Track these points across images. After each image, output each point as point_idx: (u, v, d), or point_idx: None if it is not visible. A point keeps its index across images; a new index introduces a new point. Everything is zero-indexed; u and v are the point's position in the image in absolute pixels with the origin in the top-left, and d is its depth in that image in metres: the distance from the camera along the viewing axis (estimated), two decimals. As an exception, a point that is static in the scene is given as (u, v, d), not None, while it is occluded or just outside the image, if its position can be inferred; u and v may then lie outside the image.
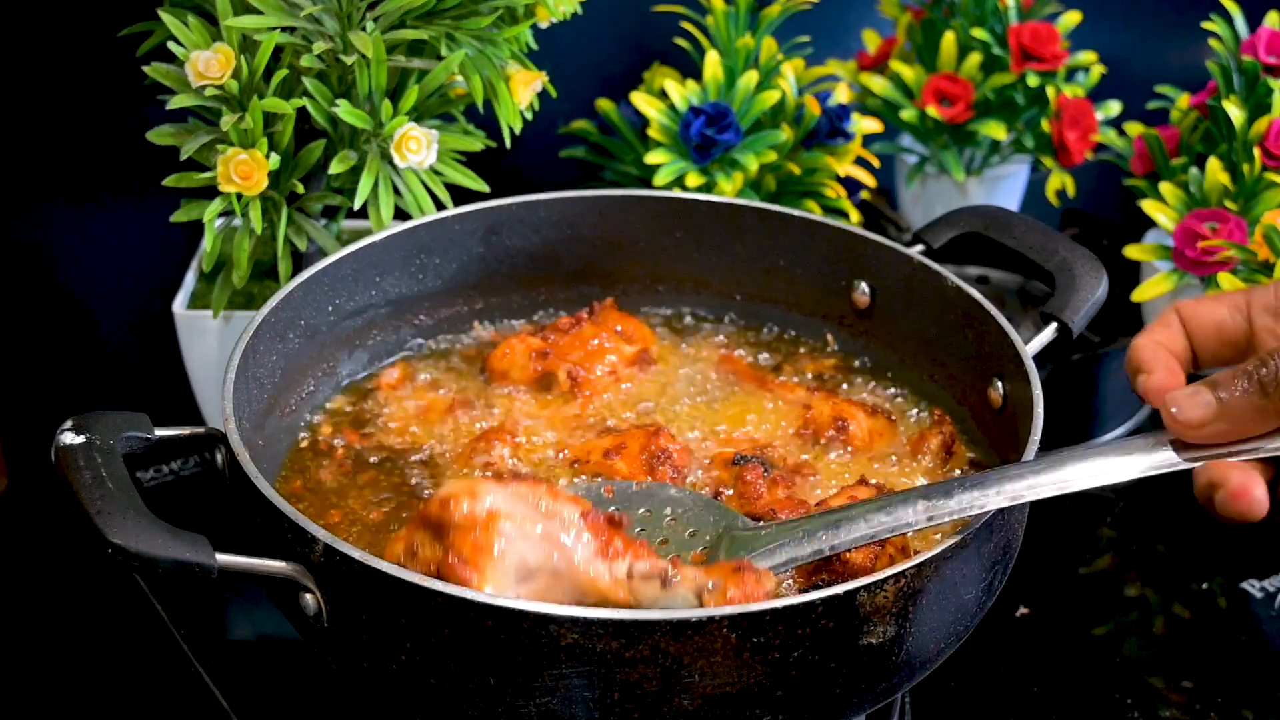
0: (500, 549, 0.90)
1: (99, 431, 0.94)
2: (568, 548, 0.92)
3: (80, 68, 1.47)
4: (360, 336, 1.26)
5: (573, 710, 0.87)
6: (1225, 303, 0.97)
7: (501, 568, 0.90)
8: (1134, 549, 1.40)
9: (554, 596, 0.91)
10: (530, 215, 1.32)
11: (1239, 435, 0.89)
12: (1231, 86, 1.54)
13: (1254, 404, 0.88)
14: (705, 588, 0.91)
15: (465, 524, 0.90)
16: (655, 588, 0.92)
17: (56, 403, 1.51)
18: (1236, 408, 0.88)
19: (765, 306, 1.36)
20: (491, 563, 0.90)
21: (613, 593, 0.92)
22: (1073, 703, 1.20)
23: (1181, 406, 0.90)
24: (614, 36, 1.72)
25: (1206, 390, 0.90)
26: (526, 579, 0.91)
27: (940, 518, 0.93)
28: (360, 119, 1.25)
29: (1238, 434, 0.89)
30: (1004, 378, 1.14)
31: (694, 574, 0.92)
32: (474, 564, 0.89)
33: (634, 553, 0.93)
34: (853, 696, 0.91)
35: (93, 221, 1.55)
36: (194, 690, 1.18)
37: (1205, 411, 0.89)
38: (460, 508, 0.91)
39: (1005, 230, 1.24)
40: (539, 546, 0.91)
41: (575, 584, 0.92)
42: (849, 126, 1.55)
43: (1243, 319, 0.96)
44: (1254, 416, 0.88)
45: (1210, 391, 0.89)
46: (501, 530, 0.90)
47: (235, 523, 1.00)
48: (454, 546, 0.90)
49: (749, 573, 0.91)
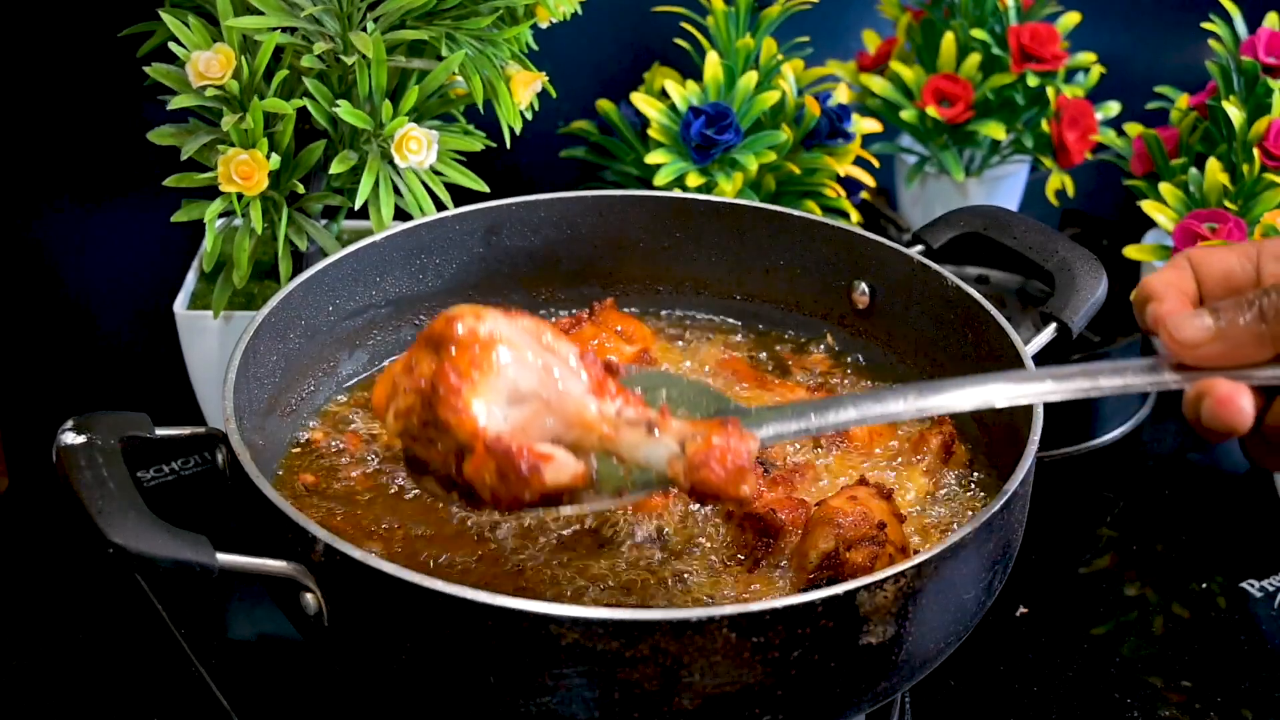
0: (496, 368, 0.91)
1: (100, 431, 0.94)
2: (562, 380, 0.93)
3: (81, 68, 1.47)
4: (361, 336, 1.26)
5: (573, 710, 0.87)
6: (1235, 251, 0.98)
7: (494, 386, 0.91)
8: (1134, 549, 1.40)
9: (538, 427, 0.92)
10: (530, 215, 1.32)
11: (1234, 360, 0.90)
12: (1231, 87, 1.54)
13: (1252, 330, 0.89)
14: (690, 437, 0.91)
15: (465, 341, 0.91)
16: (641, 434, 0.92)
17: (57, 403, 1.51)
18: (1235, 332, 0.90)
19: (765, 306, 1.36)
20: (485, 378, 0.91)
21: (597, 426, 0.92)
22: (1073, 703, 1.20)
23: (1180, 327, 0.91)
24: (614, 36, 1.72)
25: (1207, 314, 0.91)
26: (517, 403, 0.92)
27: (929, 410, 0.94)
28: (361, 119, 1.25)
29: (1233, 358, 0.90)
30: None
31: (680, 425, 0.92)
32: (468, 377, 0.90)
33: (625, 398, 0.94)
34: (852, 696, 0.91)
35: (93, 221, 1.55)
36: (194, 690, 1.19)
37: (1203, 333, 0.91)
38: (463, 325, 0.92)
39: (1005, 230, 1.24)
40: (534, 374, 0.92)
41: (563, 416, 0.92)
42: (849, 127, 1.55)
43: (1251, 267, 0.97)
44: (1251, 341, 0.90)
45: (1210, 314, 0.91)
46: (500, 352, 0.91)
47: (236, 522, 1.00)
48: (451, 360, 0.91)
49: (734, 427, 0.91)
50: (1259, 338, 0.90)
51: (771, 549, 1.06)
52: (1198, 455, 1.57)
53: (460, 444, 0.91)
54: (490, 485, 0.91)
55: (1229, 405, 0.88)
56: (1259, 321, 0.89)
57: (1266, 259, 0.96)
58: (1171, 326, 0.92)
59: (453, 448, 0.92)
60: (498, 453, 0.90)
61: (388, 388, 0.96)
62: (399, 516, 1.11)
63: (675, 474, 0.91)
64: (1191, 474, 1.52)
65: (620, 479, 0.95)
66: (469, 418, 0.90)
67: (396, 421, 0.95)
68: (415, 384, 0.93)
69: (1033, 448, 1.00)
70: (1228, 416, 0.89)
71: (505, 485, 0.90)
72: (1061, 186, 1.74)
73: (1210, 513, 1.45)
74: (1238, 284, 0.96)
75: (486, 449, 0.90)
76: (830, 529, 1.02)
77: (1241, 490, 1.48)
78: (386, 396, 0.96)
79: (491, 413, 0.90)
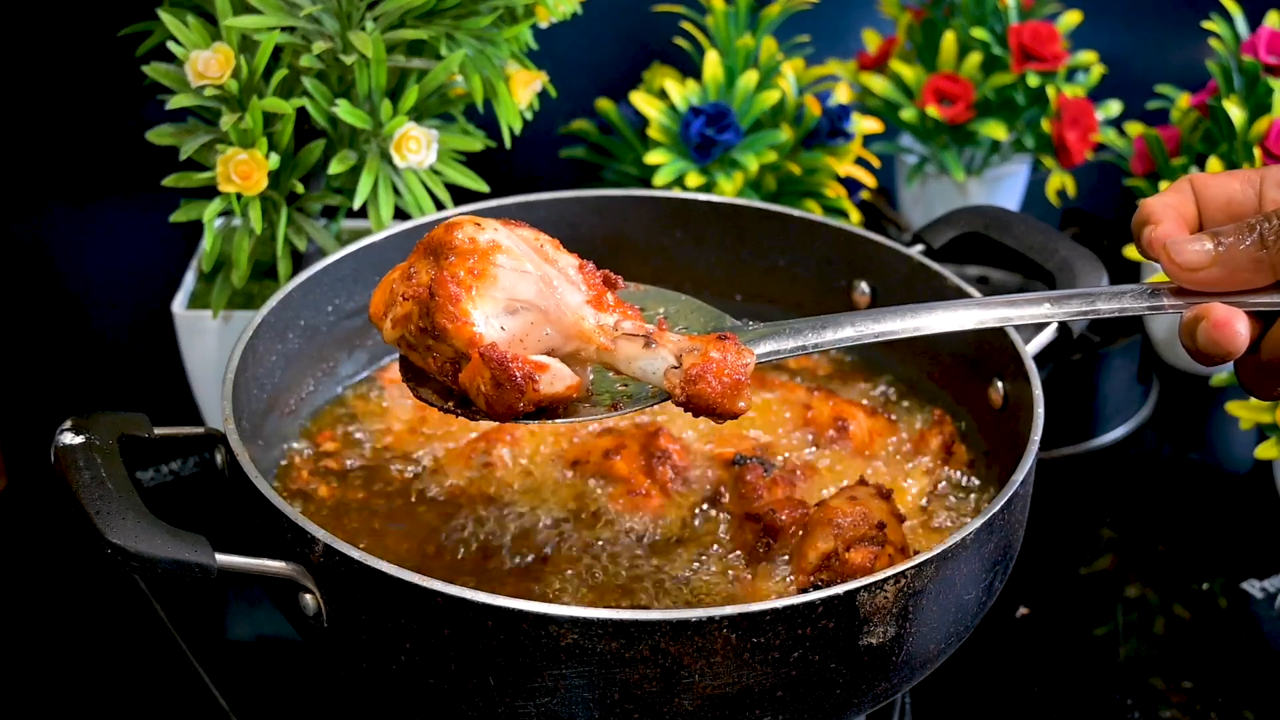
0: (495, 277, 0.91)
1: (98, 432, 0.94)
2: (561, 289, 0.93)
3: (80, 68, 1.47)
4: (360, 337, 1.26)
5: (572, 710, 0.87)
6: (1238, 178, 0.98)
7: (491, 293, 0.91)
8: (1134, 549, 1.40)
9: (535, 338, 0.92)
10: (528, 215, 1.32)
11: (1233, 284, 0.91)
12: (1231, 86, 1.54)
13: (1252, 255, 0.89)
14: (687, 350, 0.91)
15: (464, 249, 0.91)
16: (638, 346, 0.92)
17: (56, 403, 1.51)
18: (1234, 256, 0.90)
19: (765, 306, 1.35)
20: (483, 286, 0.91)
21: (594, 337, 0.92)
22: (1073, 703, 1.20)
23: (1180, 250, 0.91)
24: (614, 36, 1.72)
25: (1207, 238, 0.91)
26: (514, 312, 0.91)
27: (925, 329, 0.95)
28: (360, 119, 1.25)
29: (1232, 283, 0.90)
30: (1004, 378, 1.14)
31: (677, 338, 0.92)
32: (466, 286, 0.90)
33: (623, 311, 0.94)
34: (853, 697, 0.91)
35: (93, 221, 1.55)
36: (194, 690, 1.18)
37: (1203, 257, 0.91)
38: (463, 233, 0.92)
39: (1005, 230, 1.24)
40: (533, 284, 0.92)
41: (561, 327, 0.92)
42: (849, 126, 1.54)
43: (1254, 193, 0.96)
44: (1250, 266, 0.90)
45: (1210, 239, 0.91)
46: (499, 261, 0.91)
47: (236, 523, 1.00)
48: (449, 268, 0.91)
49: (731, 342, 0.92)
50: (1258, 263, 0.89)
51: (771, 549, 1.06)
52: (1197, 455, 1.57)
53: (457, 352, 0.91)
54: (485, 394, 0.91)
55: (1225, 328, 0.88)
56: (1259, 247, 0.89)
57: (1269, 185, 0.96)
58: (1172, 250, 0.92)
59: (449, 355, 0.92)
60: (493, 361, 0.89)
61: (385, 294, 0.96)
62: (398, 516, 1.11)
63: (671, 387, 0.91)
64: (1191, 474, 1.52)
65: (616, 392, 0.96)
66: (466, 325, 0.90)
67: (394, 329, 0.95)
68: (414, 291, 0.93)
69: (1033, 447, 1.00)
70: (1224, 340, 0.89)
71: (500, 394, 0.90)
72: (1062, 186, 1.74)
73: (1210, 513, 1.45)
74: (1239, 210, 0.95)
75: (482, 357, 0.90)
76: (830, 529, 1.02)
77: (1241, 490, 1.48)
78: (384, 304, 0.96)
79: (489, 321, 0.90)
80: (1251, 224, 0.90)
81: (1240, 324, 0.88)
